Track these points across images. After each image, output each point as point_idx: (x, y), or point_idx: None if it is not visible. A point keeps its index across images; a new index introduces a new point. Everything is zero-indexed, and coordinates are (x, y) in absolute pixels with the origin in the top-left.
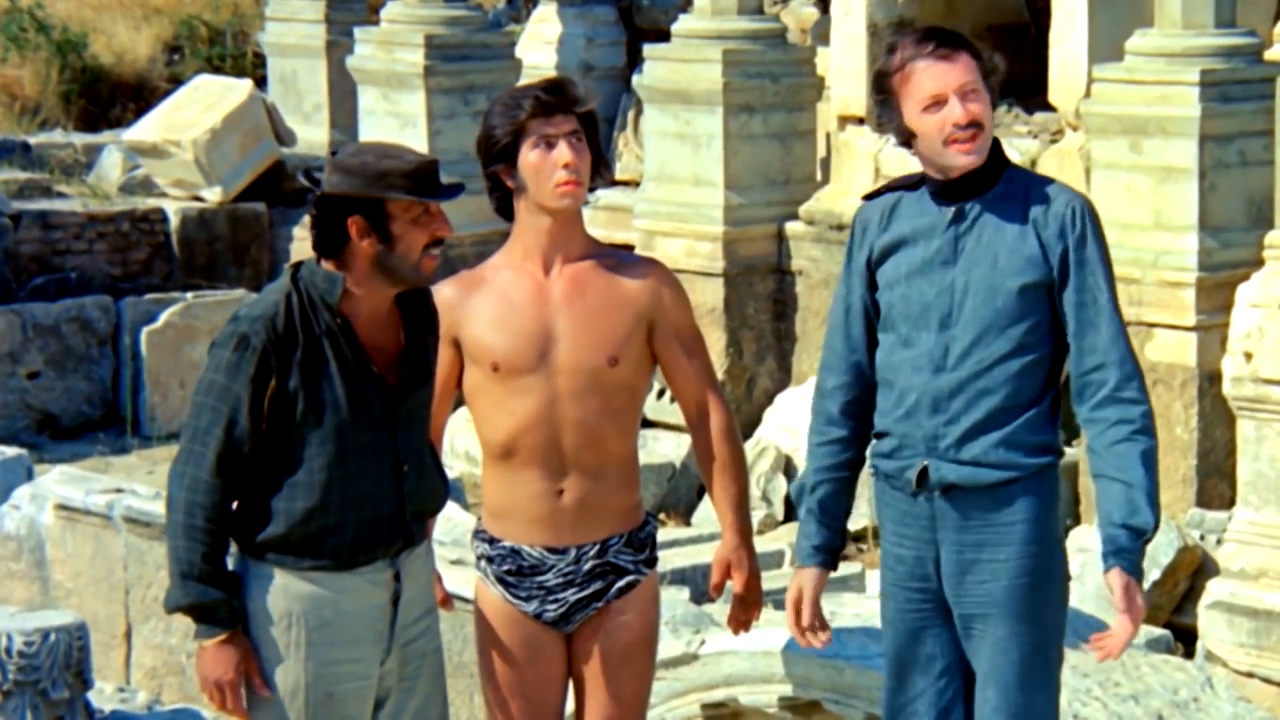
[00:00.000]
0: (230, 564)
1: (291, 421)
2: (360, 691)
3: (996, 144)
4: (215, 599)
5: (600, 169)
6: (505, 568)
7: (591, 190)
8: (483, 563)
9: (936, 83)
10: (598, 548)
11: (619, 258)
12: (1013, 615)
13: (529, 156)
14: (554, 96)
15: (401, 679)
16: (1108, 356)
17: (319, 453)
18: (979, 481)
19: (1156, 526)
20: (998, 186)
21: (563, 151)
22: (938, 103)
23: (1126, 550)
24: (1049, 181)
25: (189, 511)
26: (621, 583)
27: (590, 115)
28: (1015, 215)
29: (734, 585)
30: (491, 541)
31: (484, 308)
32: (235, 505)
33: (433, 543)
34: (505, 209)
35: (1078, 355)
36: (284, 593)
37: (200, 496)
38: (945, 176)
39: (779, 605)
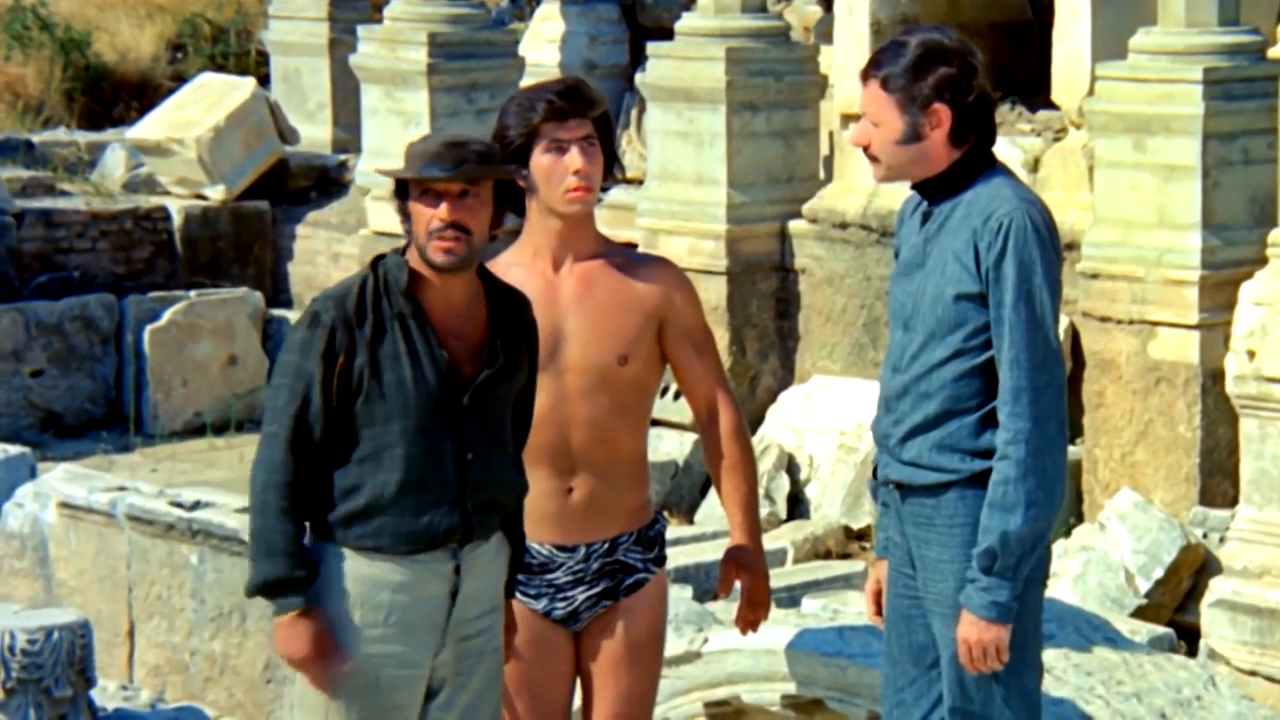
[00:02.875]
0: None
1: (357, 401)
2: (409, 680)
3: (981, 143)
4: (291, 575)
5: (613, 170)
6: None
7: (605, 191)
8: None
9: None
10: (607, 546)
11: (629, 257)
12: (953, 619)
13: (541, 160)
14: (568, 101)
15: (456, 674)
16: (1006, 371)
17: (382, 433)
18: (916, 481)
19: (1021, 534)
20: (966, 192)
21: (574, 158)
22: None
23: (981, 570)
24: (1003, 190)
25: (265, 490)
26: (630, 581)
27: (604, 118)
28: (968, 223)
29: (742, 586)
30: None
31: None
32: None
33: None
34: (517, 205)
35: (997, 366)
36: (345, 574)
37: (277, 475)
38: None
39: (783, 604)
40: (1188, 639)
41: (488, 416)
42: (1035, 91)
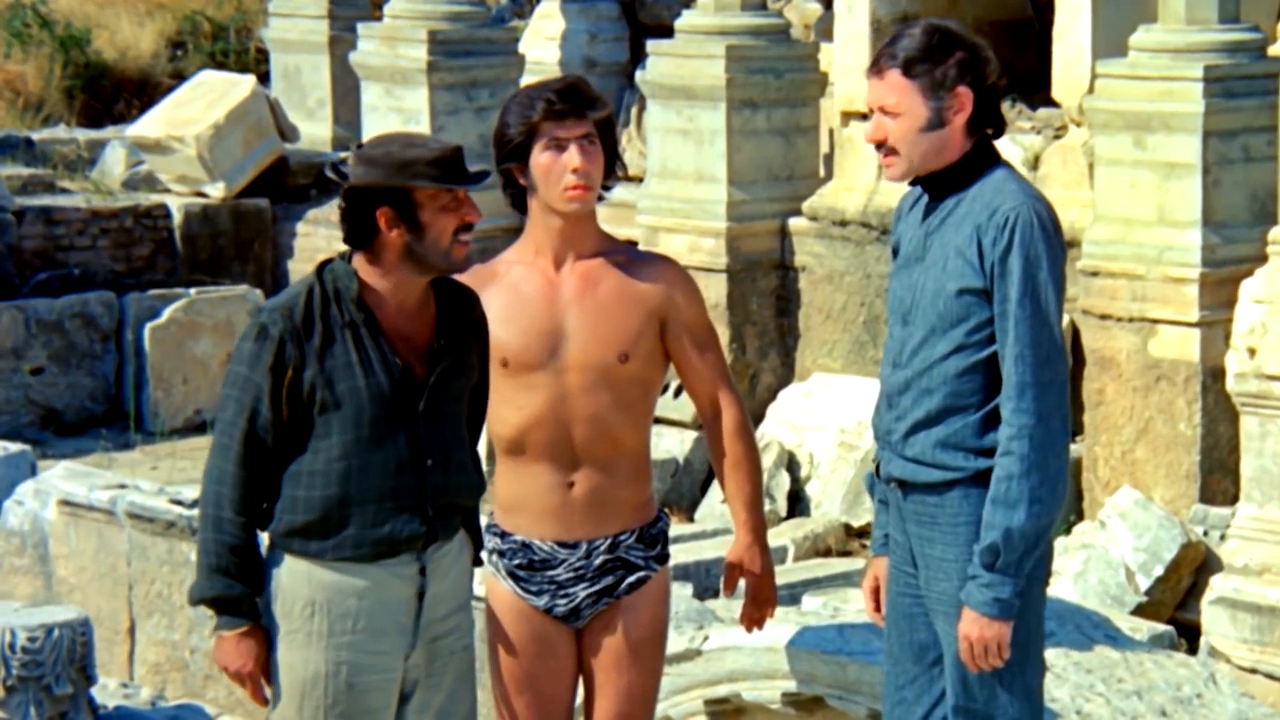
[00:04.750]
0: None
1: (310, 411)
2: (383, 684)
3: (984, 140)
4: (239, 593)
5: (614, 169)
6: (516, 562)
7: (607, 189)
8: (494, 556)
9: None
10: (609, 542)
11: (631, 255)
12: (956, 618)
13: (540, 158)
14: (567, 100)
15: (429, 674)
16: (1010, 366)
17: (338, 443)
18: (919, 479)
19: (1025, 530)
20: (970, 187)
21: (572, 156)
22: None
23: (984, 566)
24: (1008, 186)
25: (216, 504)
26: (632, 578)
27: (605, 117)
28: (971, 218)
29: (746, 584)
30: (503, 535)
31: (495, 303)
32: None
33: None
34: (519, 202)
35: (1000, 361)
36: (308, 581)
37: (227, 489)
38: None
39: (784, 601)
40: (1188, 637)
41: (444, 419)
42: (1035, 89)
